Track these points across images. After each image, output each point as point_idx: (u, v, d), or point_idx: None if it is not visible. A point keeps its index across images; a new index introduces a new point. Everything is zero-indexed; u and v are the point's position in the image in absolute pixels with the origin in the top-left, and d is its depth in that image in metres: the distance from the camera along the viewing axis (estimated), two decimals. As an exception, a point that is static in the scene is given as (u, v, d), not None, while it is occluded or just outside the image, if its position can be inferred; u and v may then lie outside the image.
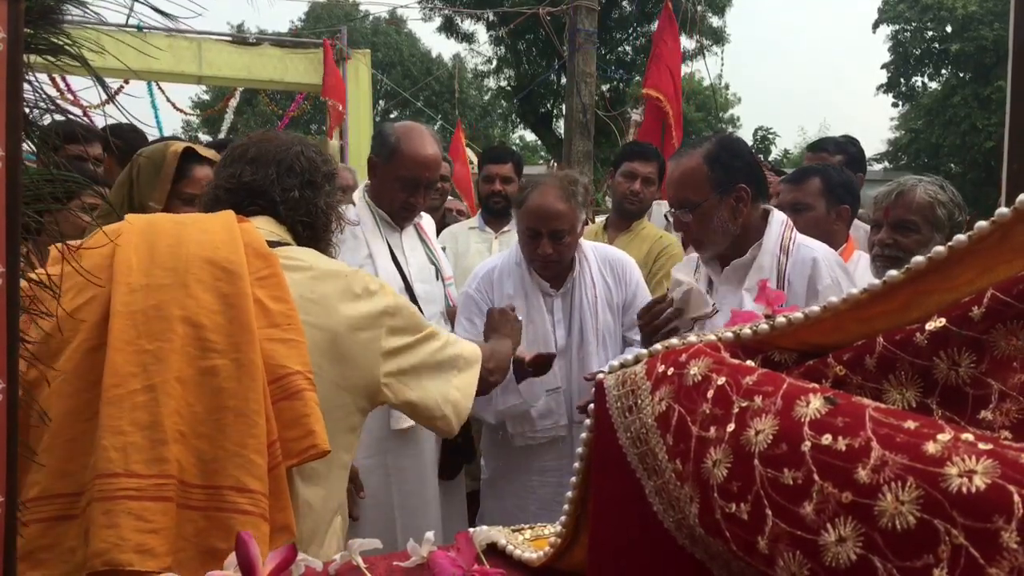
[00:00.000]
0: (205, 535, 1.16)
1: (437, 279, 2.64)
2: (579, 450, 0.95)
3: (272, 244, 1.42)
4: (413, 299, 2.51)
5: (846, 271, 2.13)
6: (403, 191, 2.48)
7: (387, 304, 1.49)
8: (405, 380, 1.52)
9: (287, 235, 1.51)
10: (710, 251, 2.15)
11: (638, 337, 2.48)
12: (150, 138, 3.04)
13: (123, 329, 1.20)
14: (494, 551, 1.14)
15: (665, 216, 2.85)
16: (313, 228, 1.56)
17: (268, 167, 1.52)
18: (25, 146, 0.75)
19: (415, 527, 2.31)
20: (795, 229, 2.15)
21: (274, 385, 1.25)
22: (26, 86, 0.74)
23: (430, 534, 1.10)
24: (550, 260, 2.41)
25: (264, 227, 1.47)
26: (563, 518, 1.00)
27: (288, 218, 1.53)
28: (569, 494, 0.97)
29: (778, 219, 2.14)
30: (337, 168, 1.72)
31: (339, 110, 8.60)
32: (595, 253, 2.57)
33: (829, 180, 2.57)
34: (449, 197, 4.32)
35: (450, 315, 2.67)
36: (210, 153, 2.17)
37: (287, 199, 1.52)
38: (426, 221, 2.75)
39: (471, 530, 1.15)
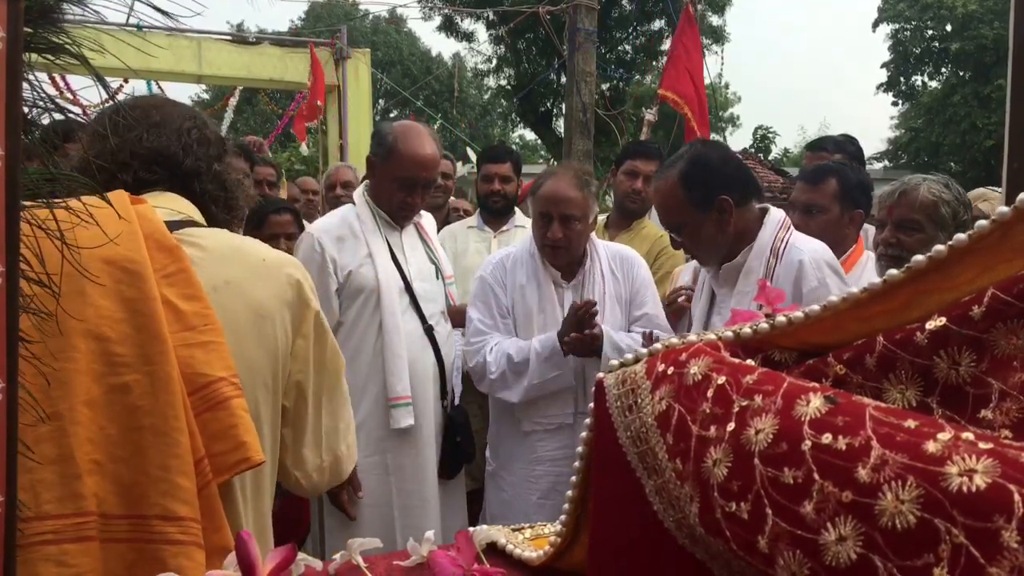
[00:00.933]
0: (135, 569, 1.06)
1: (437, 278, 2.64)
2: (579, 449, 0.95)
3: (177, 224, 1.26)
4: (413, 298, 2.51)
5: (836, 271, 2.10)
6: (401, 191, 2.48)
7: (307, 294, 1.33)
8: (303, 393, 1.35)
9: (195, 212, 1.34)
10: (708, 262, 2.18)
11: (644, 332, 2.51)
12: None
13: None
14: (494, 550, 1.14)
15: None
16: (228, 205, 1.41)
17: (179, 134, 1.34)
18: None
19: (415, 526, 2.32)
20: (791, 229, 2.14)
21: (195, 396, 1.12)
22: (25, 85, 0.74)
23: (430, 533, 1.10)
24: (559, 245, 2.43)
25: (165, 205, 1.29)
26: (563, 517, 1.00)
27: (201, 193, 1.36)
28: (569, 493, 0.97)
29: (774, 219, 2.13)
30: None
31: (318, 105, 8.75)
32: (606, 249, 2.61)
33: (846, 181, 2.52)
34: (452, 197, 4.29)
35: (451, 314, 2.67)
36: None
37: (202, 170, 1.36)
38: (426, 220, 2.75)
39: (471, 529, 1.15)
